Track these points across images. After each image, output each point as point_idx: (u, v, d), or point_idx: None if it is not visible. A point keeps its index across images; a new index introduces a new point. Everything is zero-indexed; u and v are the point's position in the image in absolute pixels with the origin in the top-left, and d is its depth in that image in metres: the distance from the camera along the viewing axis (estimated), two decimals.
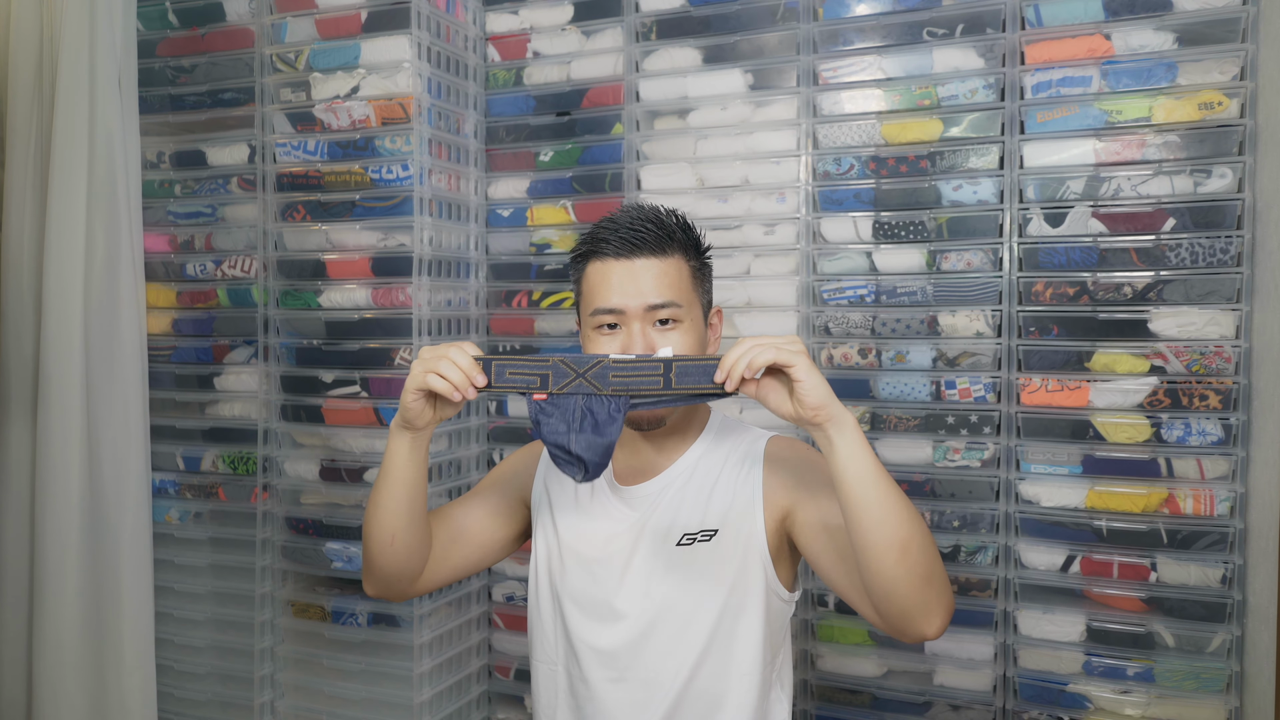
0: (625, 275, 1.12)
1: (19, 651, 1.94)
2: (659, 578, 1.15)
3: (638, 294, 1.11)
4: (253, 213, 2.07)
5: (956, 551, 1.77)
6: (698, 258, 1.19)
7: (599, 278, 1.14)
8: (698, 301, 1.17)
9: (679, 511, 1.17)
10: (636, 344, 1.11)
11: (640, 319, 1.11)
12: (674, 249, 1.14)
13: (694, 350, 1.14)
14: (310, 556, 2.04)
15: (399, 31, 1.92)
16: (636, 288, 1.11)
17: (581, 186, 2.06)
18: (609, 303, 1.12)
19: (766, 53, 1.90)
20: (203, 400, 2.14)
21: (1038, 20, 1.71)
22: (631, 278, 1.12)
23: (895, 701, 1.82)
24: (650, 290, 1.11)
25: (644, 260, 1.12)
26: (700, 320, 1.17)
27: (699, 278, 1.18)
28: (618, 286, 1.12)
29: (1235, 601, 1.60)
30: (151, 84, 2.13)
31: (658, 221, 1.15)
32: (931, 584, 0.96)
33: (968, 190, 1.76)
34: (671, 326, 1.12)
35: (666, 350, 1.10)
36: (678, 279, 1.13)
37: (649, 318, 1.12)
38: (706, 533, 1.15)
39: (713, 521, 1.15)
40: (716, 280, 1.93)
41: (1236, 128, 1.60)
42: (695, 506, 1.17)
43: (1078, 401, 1.69)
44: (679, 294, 1.13)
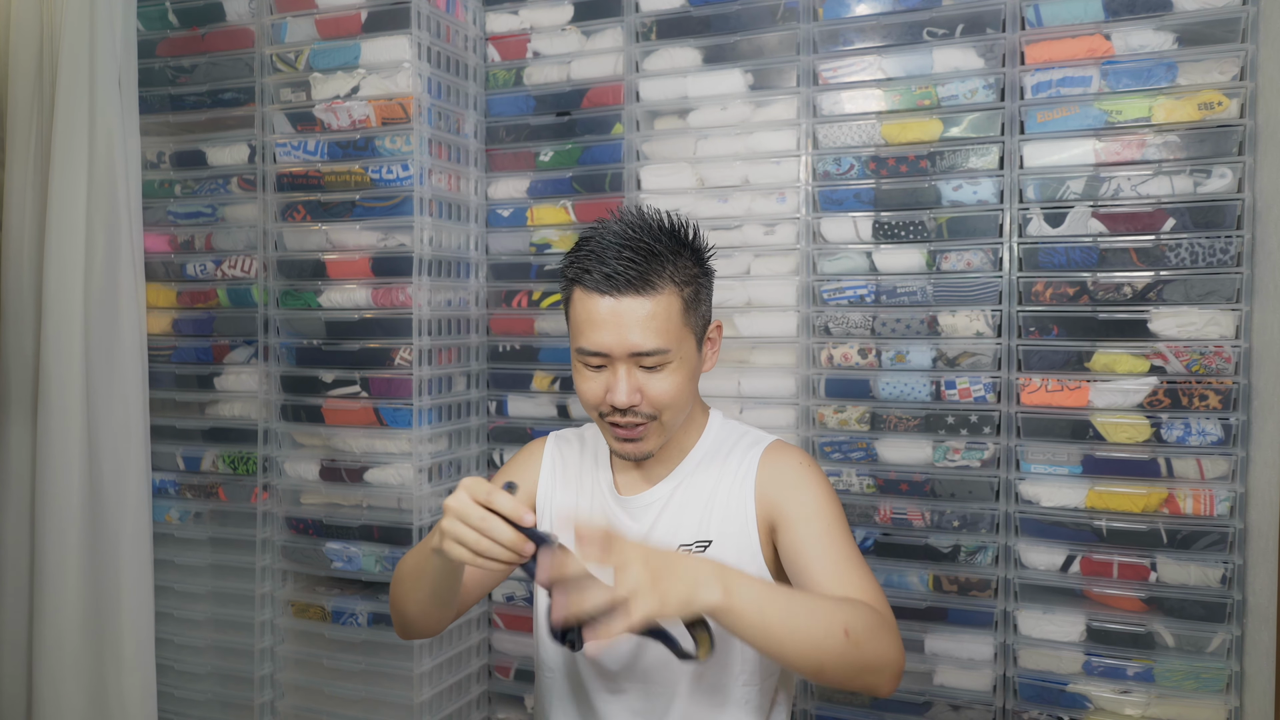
0: (610, 316, 1.05)
1: (19, 651, 1.93)
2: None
3: (621, 341, 1.05)
4: (253, 213, 2.07)
5: (956, 551, 1.77)
6: (693, 280, 1.11)
7: (583, 312, 1.08)
8: (690, 334, 1.11)
9: (678, 521, 1.16)
10: (621, 386, 1.06)
11: (626, 362, 1.07)
12: (664, 283, 1.06)
13: (684, 387, 1.10)
14: (310, 556, 2.04)
15: (399, 31, 1.92)
16: (620, 333, 1.05)
17: (581, 186, 2.06)
18: (593, 344, 1.07)
19: (766, 53, 1.90)
20: (203, 400, 2.14)
21: (1038, 20, 1.71)
22: (616, 319, 1.05)
23: (895, 701, 1.81)
24: (635, 337, 1.05)
25: (630, 300, 1.05)
26: (692, 351, 1.12)
27: (693, 305, 1.11)
28: (601, 327, 1.05)
29: (1235, 601, 1.60)
30: (151, 84, 2.13)
31: (646, 252, 1.06)
32: (865, 673, 0.94)
33: (968, 190, 1.76)
34: (659, 369, 1.08)
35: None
36: (666, 319, 1.06)
37: (635, 360, 1.07)
38: (701, 543, 1.14)
39: (708, 532, 1.14)
40: (716, 280, 1.92)
41: (1236, 128, 1.60)
42: (692, 516, 1.16)
43: (1078, 401, 1.69)
44: (667, 337, 1.06)
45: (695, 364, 1.13)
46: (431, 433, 1.98)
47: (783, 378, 1.89)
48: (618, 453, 1.14)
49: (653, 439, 1.12)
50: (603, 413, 1.11)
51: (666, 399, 1.09)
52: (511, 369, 2.14)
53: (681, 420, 1.15)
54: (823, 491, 1.12)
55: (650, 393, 1.08)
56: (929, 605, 1.79)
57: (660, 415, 1.10)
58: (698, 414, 1.23)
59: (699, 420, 1.23)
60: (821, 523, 1.08)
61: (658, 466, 1.20)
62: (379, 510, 1.98)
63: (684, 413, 1.14)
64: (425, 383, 1.96)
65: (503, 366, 2.15)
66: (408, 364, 1.93)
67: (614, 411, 1.09)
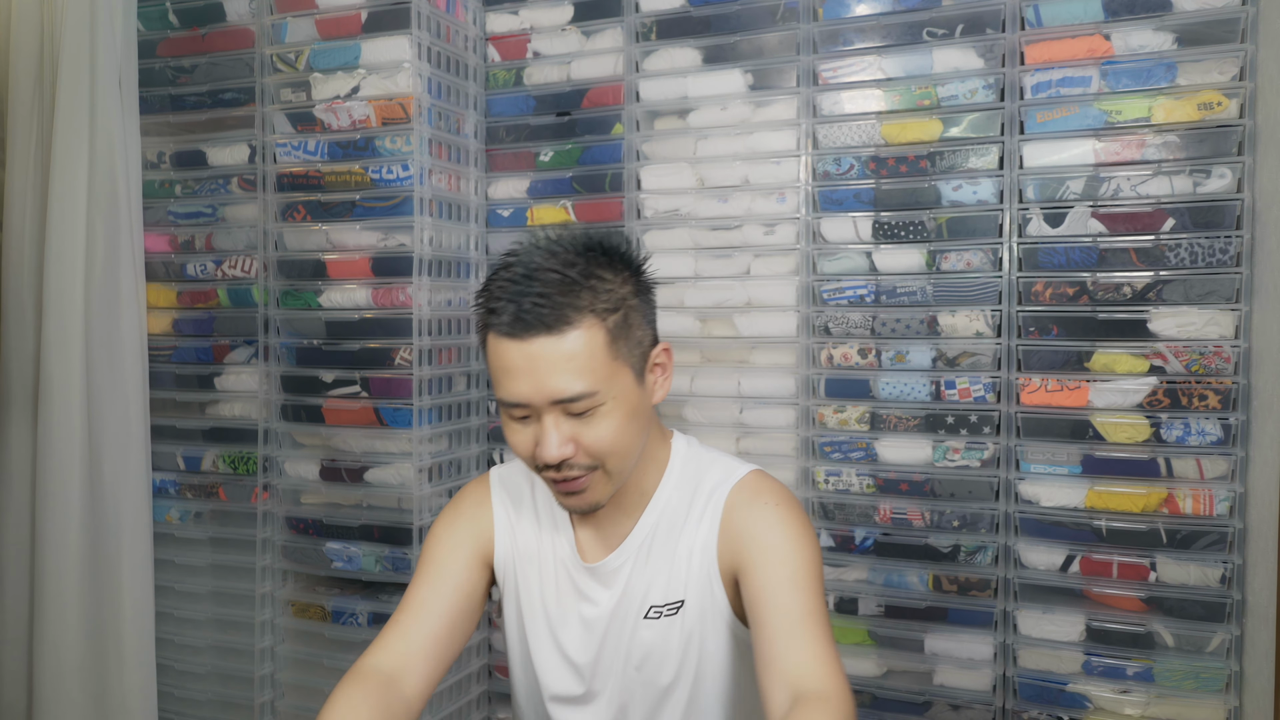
0: (523, 362, 0.91)
1: (19, 651, 1.94)
2: (634, 657, 1.06)
3: (539, 389, 0.91)
4: (253, 213, 2.07)
5: (956, 551, 1.77)
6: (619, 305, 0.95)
7: (496, 359, 0.94)
8: (623, 367, 0.95)
9: (650, 581, 1.05)
10: (549, 439, 0.93)
11: (551, 411, 0.93)
12: (580, 316, 0.91)
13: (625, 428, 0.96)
14: (310, 556, 2.04)
15: (399, 32, 1.92)
16: (535, 380, 0.91)
17: (581, 186, 2.06)
18: (510, 395, 0.93)
19: (766, 53, 1.90)
20: (203, 400, 2.14)
21: (1037, 20, 1.71)
22: (529, 365, 0.91)
23: (895, 701, 1.82)
24: (552, 383, 0.91)
25: (542, 342, 0.90)
26: (629, 386, 0.96)
27: (621, 334, 0.95)
28: (516, 375, 0.92)
29: (1235, 601, 1.60)
30: (151, 84, 2.13)
31: (556, 284, 0.91)
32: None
33: (967, 190, 1.77)
34: (589, 414, 0.93)
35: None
36: (588, 358, 0.91)
37: (561, 408, 0.93)
38: (672, 606, 1.04)
39: (677, 591, 1.04)
40: (716, 280, 1.93)
41: (1236, 128, 1.60)
42: (660, 573, 1.05)
43: (1077, 401, 1.69)
44: (592, 377, 0.92)
45: (636, 400, 0.97)
46: (431, 433, 1.98)
47: (783, 378, 1.90)
48: (563, 506, 1.03)
49: (599, 489, 0.98)
50: (538, 466, 0.97)
51: (604, 446, 0.95)
52: None
53: (631, 465, 1.00)
54: (792, 534, 0.99)
55: (585, 441, 0.94)
56: (929, 605, 1.79)
57: (603, 464, 0.96)
58: (657, 449, 1.08)
59: (659, 456, 1.08)
60: (784, 570, 0.95)
61: (620, 518, 1.07)
62: (379, 510, 1.98)
63: (632, 456, 1.00)
64: (425, 383, 1.96)
65: None
66: (408, 364, 1.93)
67: (548, 466, 0.96)
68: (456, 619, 1.07)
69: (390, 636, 1.04)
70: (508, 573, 1.13)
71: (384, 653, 1.03)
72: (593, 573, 1.07)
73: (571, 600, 1.09)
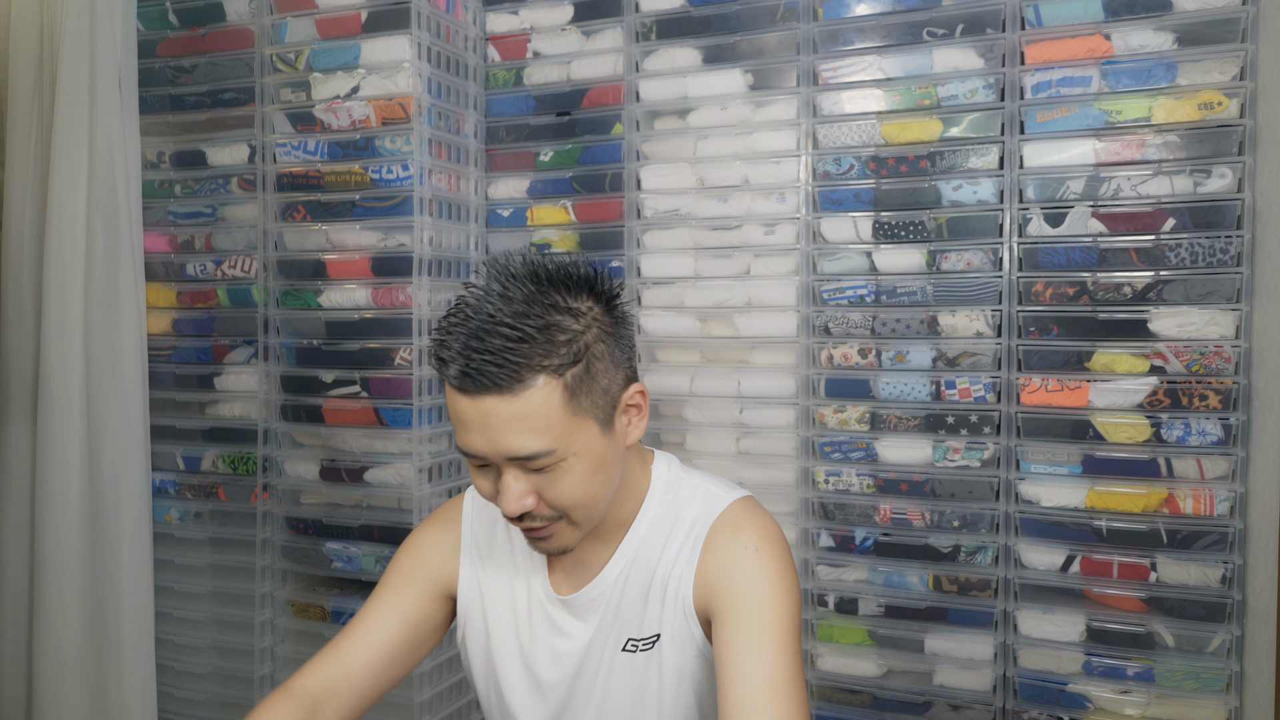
0: (476, 418, 0.86)
1: (19, 651, 1.94)
2: (614, 694, 1.02)
3: (493, 446, 0.86)
4: (253, 213, 2.07)
5: (956, 551, 1.77)
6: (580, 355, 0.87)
7: (452, 409, 0.89)
8: (585, 421, 0.89)
9: (626, 614, 1.01)
10: (508, 495, 0.88)
11: (509, 467, 0.88)
12: (534, 375, 0.84)
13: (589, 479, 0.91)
14: (310, 556, 2.04)
15: (399, 31, 1.92)
16: (490, 438, 0.86)
17: (581, 186, 2.06)
18: (466, 446, 0.89)
19: (766, 53, 1.90)
20: (203, 400, 2.14)
21: (1037, 20, 1.71)
22: (483, 422, 0.86)
23: (895, 701, 1.82)
24: (506, 443, 0.86)
25: (493, 401, 0.84)
26: (593, 439, 0.90)
27: (583, 388, 0.88)
28: (470, 429, 0.87)
29: (1235, 601, 1.60)
30: (151, 84, 2.13)
31: (509, 339, 0.84)
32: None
33: (968, 190, 1.76)
34: (549, 470, 0.88)
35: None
36: (545, 416, 0.85)
37: (518, 464, 0.88)
38: (648, 640, 1.00)
39: (653, 625, 1.00)
40: (716, 280, 1.93)
41: (1236, 128, 1.60)
42: (637, 606, 1.01)
43: (1078, 401, 1.69)
44: (548, 436, 0.86)
45: (603, 450, 0.91)
46: (431, 433, 1.98)
47: (783, 378, 1.89)
48: (533, 549, 0.98)
49: (565, 536, 0.94)
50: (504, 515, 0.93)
51: (567, 500, 0.90)
52: None
53: (602, 510, 0.96)
54: (768, 584, 0.94)
55: (547, 496, 0.90)
56: (929, 605, 1.79)
57: (567, 515, 0.92)
58: (636, 478, 1.03)
59: (638, 486, 1.03)
60: (756, 621, 0.91)
61: (598, 548, 1.03)
62: (379, 510, 1.98)
63: (600, 504, 0.95)
64: (425, 383, 1.96)
65: None
66: (408, 364, 1.93)
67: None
68: (398, 652, 1.05)
69: (325, 659, 1.02)
70: (472, 605, 1.08)
71: (314, 676, 1.01)
72: (567, 605, 1.03)
73: (545, 633, 1.04)
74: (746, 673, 0.88)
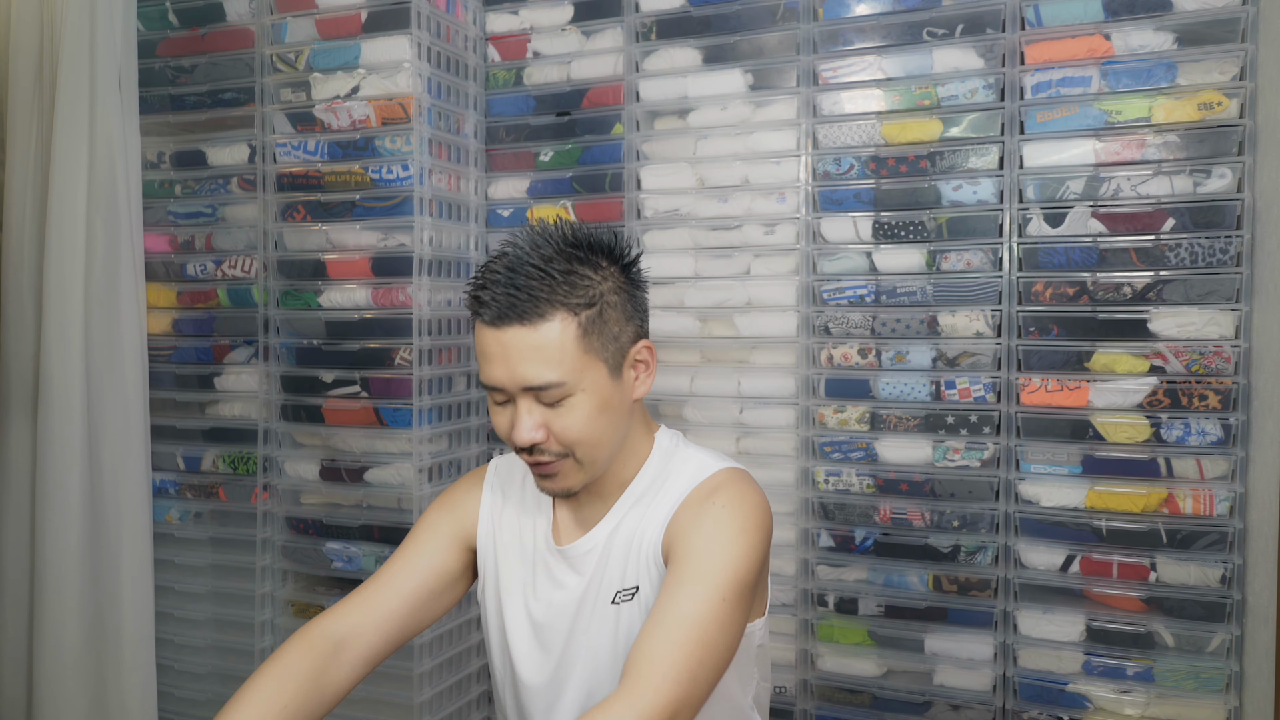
0: (497, 349, 0.97)
1: (19, 651, 1.94)
2: (604, 643, 1.06)
3: (509, 375, 0.97)
4: (253, 213, 2.07)
5: (956, 551, 1.77)
6: (595, 301, 0.98)
7: (479, 344, 1.00)
8: (595, 361, 0.98)
9: (613, 568, 1.07)
10: (521, 424, 0.98)
11: (524, 397, 0.98)
12: (552, 310, 0.95)
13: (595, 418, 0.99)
14: (310, 556, 2.04)
15: (399, 31, 1.92)
16: (508, 367, 0.96)
17: (581, 186, 2.06)
18: (486, 378, 0.99)
19: (766, 53, 1.90)
20: (203, 400, 2.14)
21: (1037, 20, 1.71)
22: (503, 353, 0.97)
23: (895, 701, 1.82)
24: (523, 371, 0.96)
25: (514, 331, 0.95)
26: (601, 380, 0.99)
27: (595, 329, 0.98)
28: (492, 361, 0.98)
29: (1235, 601, 1.60)
30: (151, 84, 2.13)
31: (533, 277, 0.96)
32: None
33: (967, 190, 1.76)
34: (560, 404, 0.98)
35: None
36: (559, 349, 0.96)
37: (533, 395, 0.98)
38: (628, 591, 1.06)
39: (633, 577, 1.06)
40: (716, 280, 1.93)
41: (1236, 128, 1.60)
42: (622, 560, 1.07)
43: (1077, 401, 1.69)
44: (561, 368, 0.96)
45: (609, 393, 1.00)
46: (431, 433, 1.98)
47: (783, 378, 1.90)
48: (540, 489, 1.06)
49: (571, 476, 1.02)
50: (516, 448, 1.02)
51: (573, 435, 0.98)
52: None
53: (605, 455, 1.03)
54: (721, 538, 0.98)
55: (555, 429, 0.98)
56: (929, 605, 1.79)
57: (573, 452, 1.00)
58: (638, 443, 1.10)
59: (640, 449, 1.10)
60: (692, 571, 0.95)
61: (597, 505, 1.10)
62: (379, 510, 1.98)
63: (605, 448, 1.03)
64: (425, 383, 1.96)
65: None
66: (408, 364, 1.93)
67: (522, 449, 1.01)
68: (423, 599, 1.11)
69: (350, 604, 1.08)
70: (488, 557, 1.15)
71: (339, 619, 1.07)
72: (563, 555, 1.10)
73: (545, 582, 1.11)
74: (663, 606, 0.92)
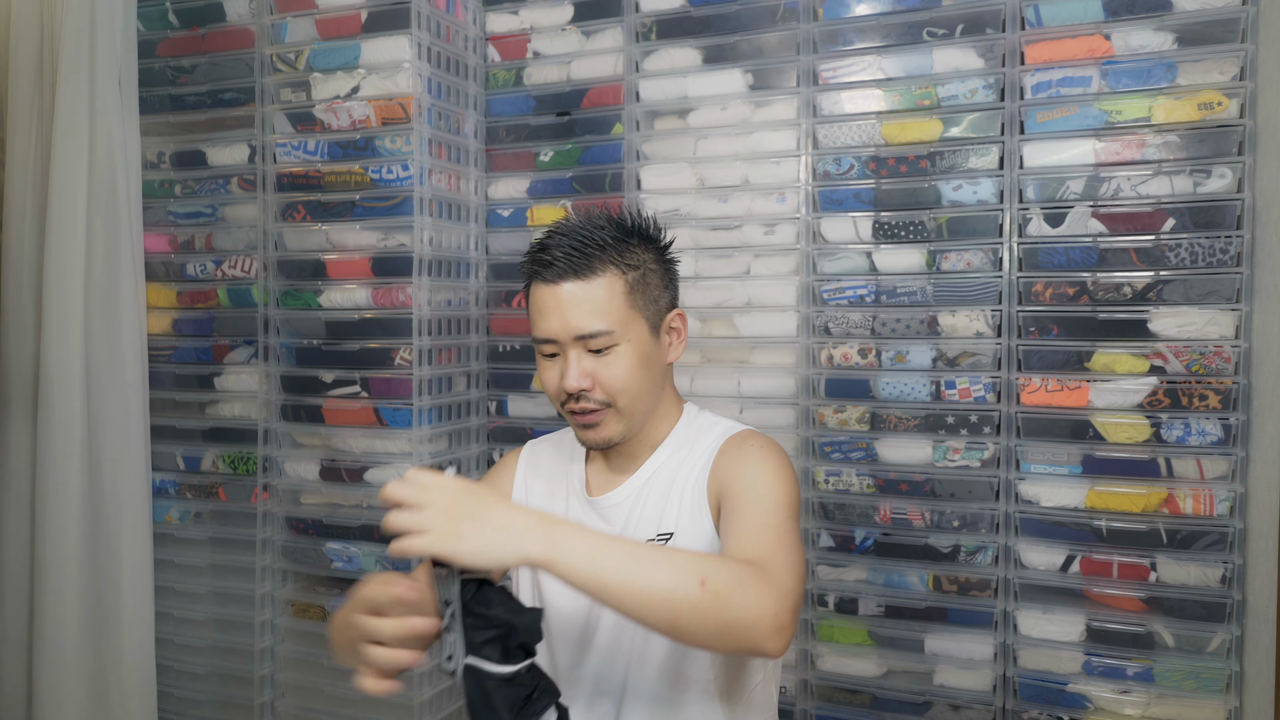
0: (552, 302, 1.10)
1: (19, 651, 1.94)
2: None
3: (563, 325, 1.09)
4: (253, 213, 2.07)
5: (956, 551, 1.77)
6: (639, 265, 1.13)
7: (534, 302, 1.13)
8: (638, 317, 1.12)
9: (643, 517, 1.15)
10: (571, 370, 1.09)
11: (574, 346, 1.10)
12: (603, 266, 1.10)
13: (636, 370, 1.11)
14: (310, 556, 2.04)
15: (399, 32, 1.92)
16: (562, 317, 1.09)
17: (581, 186, 2.06)
18: (540, 331, 1.11)
19: (766, 53, 1.90)
20: (203, 400, 2.14)
21: (1037, 20, 1.71)
22: (557, 305, 1.09)
23: (895, 701, 1.82)
24: (576, 320, 1.09)
25: (569, 285, 1.09)
26: (643, 335, 1.13)
27: (639, 289, 1.12)
28: (547, 314, 1.10)
29: (1235, 601, 1.60)
30: (151, 84, 2.13)
31: (582, 240, 1.11)
32: (732, 630, 0.87)
33: (968, 190, 1.76)
34: (606, 353, 1.10)
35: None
36: (607, 301, 1.09)
37: (581, 345, 1.10)
38: (664, 535, 1.13)
39: (669, 524, 1.14)
40: (716, 280, 1.93)
41: (1236, 128, 1.60)
42: (655, 509, 1.15)
43: (1078, 401, 1.69)
44: (608, 317, 1.09)
45: (649, 349, 1.13)
46: (431, 433, 1.98)
47: (783, 378, 1.89)
48: (581, 441, 1.16)
49: (611, 425, 1.13)
50: (562, 401, 1.13)
51: (618, 383, 1.10)
52: (511, 369, 2.14)
53: (643, 408, 1.15)
54: (772, 471, 1.09)
55: (601, 377, 1.10)
56: (929, 605, 1.79)
57: (615, 401, 1.11)
58: (670, 408, 1.22)
59: (671, 414, 1.22)
60: (755, 493, 1.05)
61: (627, 461, 1.20)
62: (379, 510, 1.98)
63: (644, 400, 1.14)
64: (425, 383, 1.96)
65: (503, 366, 2.15)
66: (408, 364, 1.93)
67: (570, 399, 1.12)
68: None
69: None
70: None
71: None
72: (595, 506, 1.19)
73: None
74: (748, 522, 1.02)
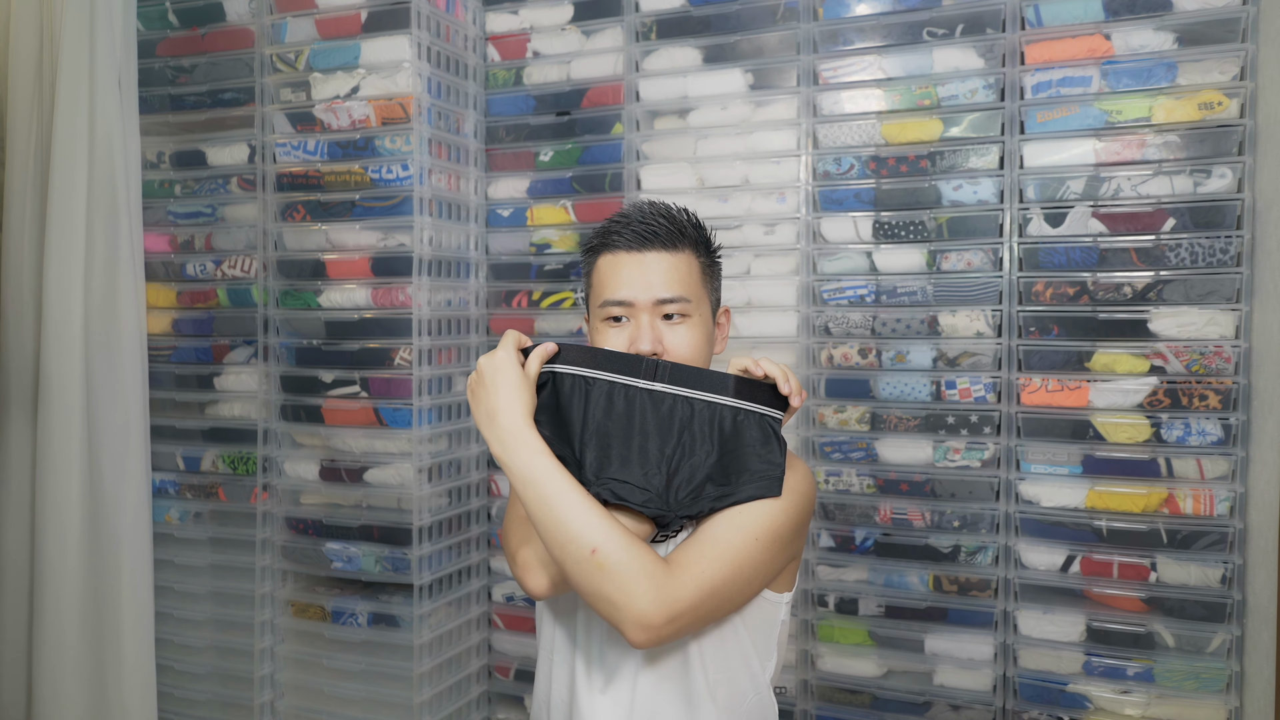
0: (635, 268, 1.12)
1: (19, 651, 1.94)
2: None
3: (647, 287, 1.11)
4: (253, 213, 2.07)
5: (956, 551, 1.77)
6: (708, 255, 1.18)
7: (609, 270, 1.14)
8: (706, 298, 1.16)
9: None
10: (644, 337, 1.10)
11: (648, 311, 1.11)
12: (685, 244, 1.14)
13: (702, 346, 1.14)
14: (310, 556, 2.04)
15: (399, 31, 1.92)
16: (646, 280, 1.11)
17: (581, 186, 2.06)
18: (617, 294, 1.12)
19: (766, 53, 1.90)
20: (203, 400, 2.14)
21: (1038, 20, 1.71)
22: (642, 270, 1.11)
23: (895, 701, 1.82)
24: (659, 284, 1.11)
25: (655, 254, 1.12)
26: (709, 317, 1.17)
27: (708, 274, 1.17)
28: (627, 279, 1.12)
29: (1235, 601, 1.60)
30: (151, 84, 2.13)
31: (670, 216, 1.15)
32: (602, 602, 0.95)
33: (968, 190, 1.76)
34: (679, 321, 1.12)
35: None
36: (688, 274, 1.13)
37: (657, 311, 1.11)
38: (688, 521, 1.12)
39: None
40: None
41: (1236, 128, 1.60)
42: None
43: (1078, 401, 1.69)
44: (688, 289, 1.12)
45: (710, 330, 1.17)
46: (431, 433, 1.98)
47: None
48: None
49: None
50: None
51: (685, 350, 1.12)
52: None
53: None
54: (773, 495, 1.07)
55: (669, 343, 1.11)
56: (929, 605, 1.79)
57: None
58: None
59: None
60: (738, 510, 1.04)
61: None
62: (379, 510, 1.98)
63: None
64: (425, 383, 1.96)
65: None
66: (408, 364, 1.93)
67: None
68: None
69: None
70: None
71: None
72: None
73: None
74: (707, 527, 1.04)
